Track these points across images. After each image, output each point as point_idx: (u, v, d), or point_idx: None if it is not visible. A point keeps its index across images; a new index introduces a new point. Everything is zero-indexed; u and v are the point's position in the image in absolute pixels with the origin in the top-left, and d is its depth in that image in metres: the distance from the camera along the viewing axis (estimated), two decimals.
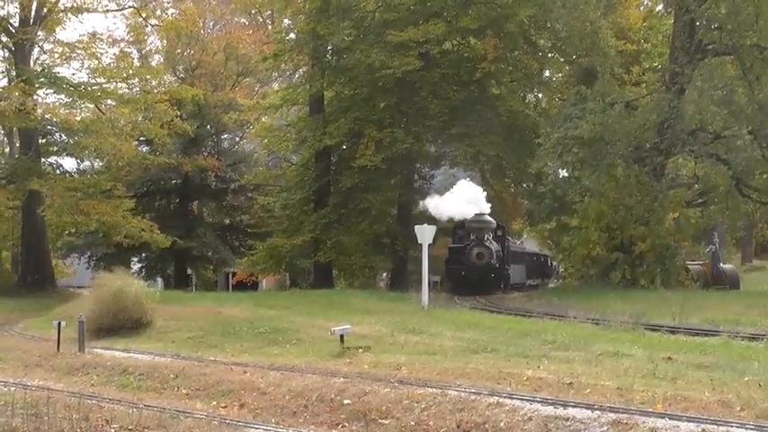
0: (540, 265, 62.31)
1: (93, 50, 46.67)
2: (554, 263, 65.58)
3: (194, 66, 59.57)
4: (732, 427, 10.96)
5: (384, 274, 55.79)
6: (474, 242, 44.72)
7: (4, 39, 47.04)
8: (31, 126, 44.38)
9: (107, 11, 48.41)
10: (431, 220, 42.57)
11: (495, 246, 45.24)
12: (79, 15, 47.42)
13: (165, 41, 59.12)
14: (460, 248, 45.46)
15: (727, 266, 46.11)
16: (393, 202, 46.95)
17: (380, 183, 44.99)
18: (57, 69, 47.37)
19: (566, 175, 49.04)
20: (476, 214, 47.70)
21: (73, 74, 48.07)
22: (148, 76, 52.33)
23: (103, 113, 46.89)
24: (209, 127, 59.62)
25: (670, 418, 11.27)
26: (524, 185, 53.50)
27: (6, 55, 50.27)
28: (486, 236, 45.02)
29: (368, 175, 44.12)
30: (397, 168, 45.46)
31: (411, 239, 34.53)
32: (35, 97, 44.32)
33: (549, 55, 48.47)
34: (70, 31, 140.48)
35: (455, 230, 48.09)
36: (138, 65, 55.88)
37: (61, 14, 46.83)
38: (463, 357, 17.14)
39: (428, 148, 48.05)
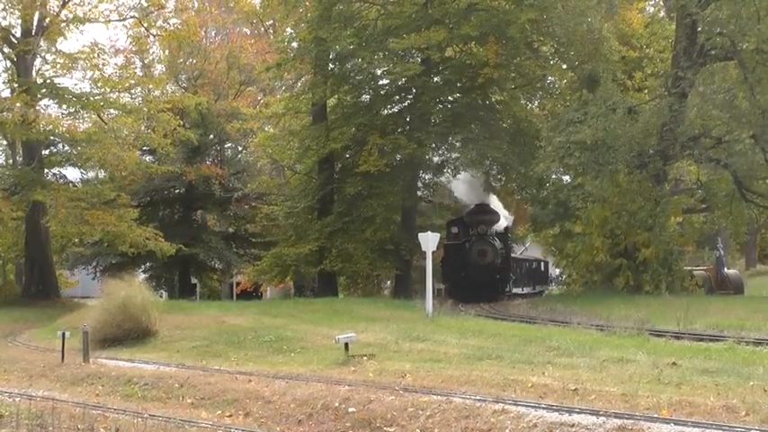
0: (532, 271, 57.38)
1: (95, 61, 46.74)
2: (550, 269, 63.78)
3: (197, 75, 59.70)
4: (737, 431, 10.98)
5: (388, 282, 55.65)
6: (475, 238, 42.30)
7: (6, 50, 47.18)
8: (33, 137, 44.41)
9: (108, 21, 48.54)
10: (434, 226, 42.39)
11: (498, 242, 43.07)
12: (80, 26, 47.53)
13: (166, 51, 59.26)
14: (459, 246, 42.77)
15: (731, 271, 46.11)
16: (397, 208, 46.63)
17: (384, 189, 44.67)
18: (59, 80, 47.54)
19: (568, 180, 48.97)
20: (477, 204, 45.34)
21: (75, 84, 48.25)
22: (151, 86, 52.47)
23: (106, 123, 46.92)
24: (212, 136, 59.71)
25: (675, 424, 11.27)
26: (528, 191, 53.26)
27: (8, 66, 50.40)
28: (489, 230, 42.71)
29: (371, 182, 44.00)
30: (400, 175, 45.29)
31: (415, 246, 34.24)
32: (37, 108, 44.38)
33: (552, 61, 48.38)
34: (72, 41, 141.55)
35: (449, 226, 45.79)
36: (141, 74, 56.07)
37: (63, 25, 46.90)
38: (468, 364, 17.13)
39: (431, 154, 47.85)
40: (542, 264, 61.29)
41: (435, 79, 45.24)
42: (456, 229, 44.73)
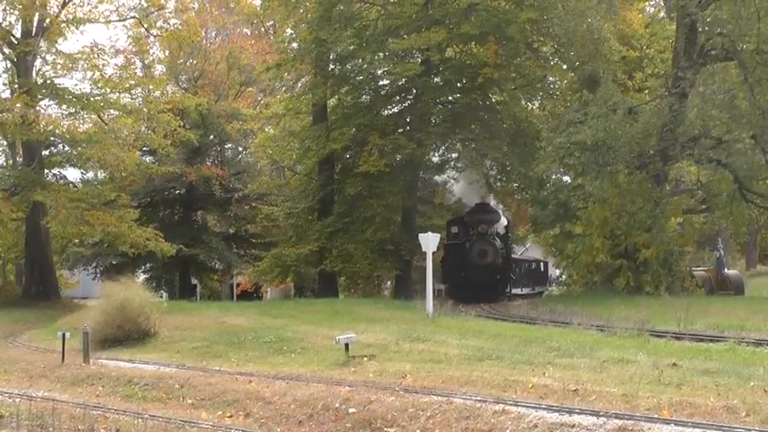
0: (531, 272, 56.42)
1: (95, 62, 46.73)
2: (550, 269, 63.16)
3: (197, 75, 59.71)
4: None
5: (388, 283, 55.57)
6: (475, 237, 41.73)
7: (7, 50, 47.19)
8: (34, 138, 44.41)
9: (108, 21, 48.51)
10: (434, 226, 42.29)
11: (499, 242, 42.45)
12: (80, 26, 47.51)
13: (167, 52, 59.27)
14: (459, 245, 42.20)
15: (731, 272, 46.06)
16: (397, 208, 46.51)
17: (384, 190, 44.55)
18: (59, 80, 47.55)
19: (568, 180, 48.87)
20: (477, 204, 44.82)
21: (75, 84, 48.22)
22: (151, 87, 52.47)
23: (106, 124, 46.92)
24: (212, 137, 59.71)
25: (675, 425, 11.26)
26: (528, 192, 53.20)
27: (8, 66, 50.40)
28: (489, 230, 42.15)
29: (371, 182, 43.96)
30: (400, 175, 45.24)
31: (416, 246, 34.07)
32: (37, 109, 44.38)
33: (552, 62, 48.36)
34: (72, 42, 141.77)
35: (449, 225, 45.28)
36: (141, 75, 56.07)
37: (63, 26, 46.88)
38: (468, 365, 17.12)
39: (431, 154, 47.77)
40: (541, 264, 60.55)
41: (435, 80, 45.23)
42: (456, 228, 44.16)
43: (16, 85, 47.33)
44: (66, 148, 51.27)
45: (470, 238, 42.16)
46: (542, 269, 60.01)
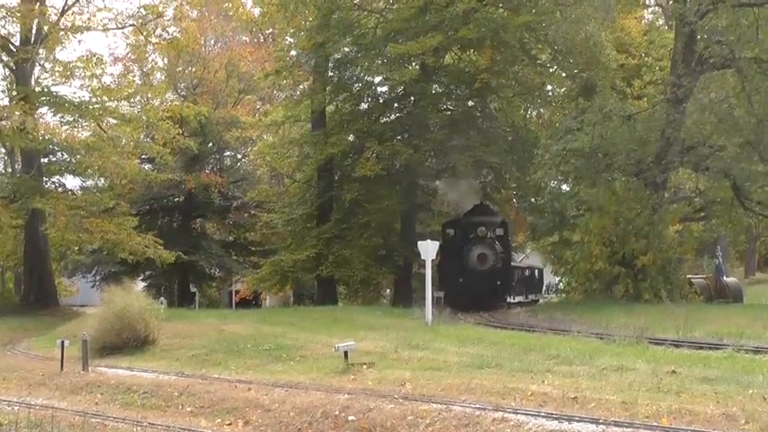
0: (524, 279, 52.63)
1: (93, 70, 46.66)
2: (546, 277, 62.36)
3: (196, 83, 59.68)
4: None
5: (388, 290, 55.45)
6: (474, 241, 40.17)
7: (5, 58, 47.09)
8: (32, 146, 44.35)
9: (107, 29, 48.41)
10: (433, 233, 42.17)
11: (499, 246, 41.04)
12: (79, 34, 47.51)
13: (165, 59, 59.25)
14: (457, 249, 40.37)
15: (730, 279, 45.97)
16: (395, 214, 46.20)
17: (381, 194, 44.37)
18: (58, 88, 47.48)
19: (566, 189, 48.84)
20: (475, 206, 43.47)
21: (74, 93, 48.16)
22: (150, 95, 52.43)
23: (105, 132, 46.85)
24: (211, 144, 59.71)
25: None
26: (526, 201, 53.13)
27: (7, 74, 50.37)
28: (489, 232, 40.68)
29: (368, 187, 43.95)
30: (397, 180, 45.23)
31: (414, 252, 33.63)
32: (36, 116, 44.33)
33: (551, 69, 48.39)
34: (71, 50, 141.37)
35: (445, 228, 43.54)
36: (140, 83, 56.04)
37: (62, 33, 46.87)
38: (467, 373, 17.11)
39: (429, 161, 47.71)
40: (536, 271, 59.54)
41: (433, 86, 45.32)
42: (453, 231, 42.34)
43: (15, 93, 47.22)
44: (65, 156, 51.17)
45: (469, 242, 40.57)
46: (537, 276, 58.82)
